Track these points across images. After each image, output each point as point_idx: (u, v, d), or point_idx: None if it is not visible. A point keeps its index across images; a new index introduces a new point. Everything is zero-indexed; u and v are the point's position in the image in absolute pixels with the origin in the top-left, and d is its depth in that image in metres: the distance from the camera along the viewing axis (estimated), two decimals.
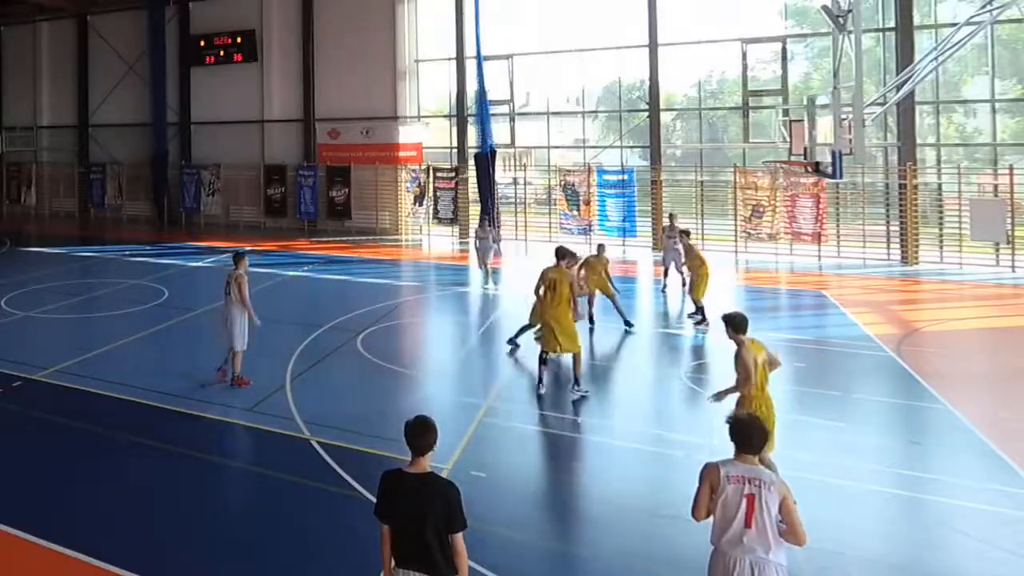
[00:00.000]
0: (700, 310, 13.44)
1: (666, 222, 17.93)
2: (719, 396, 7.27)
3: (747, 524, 4.42)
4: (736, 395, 7.03)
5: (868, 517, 6.98)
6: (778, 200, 20.97)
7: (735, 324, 7.10)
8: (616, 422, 9.25)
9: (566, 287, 10.03)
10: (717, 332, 12.22)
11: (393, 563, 4.55)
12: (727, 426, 4.77)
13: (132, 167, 31.90)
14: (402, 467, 4.60)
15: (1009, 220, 18.17)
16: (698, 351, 12.46)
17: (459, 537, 4.43)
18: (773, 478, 4.55)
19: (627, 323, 13.37)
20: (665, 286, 16.59)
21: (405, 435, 4.58)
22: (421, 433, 4.55)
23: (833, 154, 12.79)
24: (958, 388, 9.93)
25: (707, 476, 4.62)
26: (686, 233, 15.27)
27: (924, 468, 7.93)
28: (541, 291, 10.24)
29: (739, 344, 7.03)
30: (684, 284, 15.49)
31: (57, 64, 33.98)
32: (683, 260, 15.16)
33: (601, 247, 14.40)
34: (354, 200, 27.39)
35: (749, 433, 4.63)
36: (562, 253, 10.55)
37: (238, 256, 10.87)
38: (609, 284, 13.63)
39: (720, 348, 11.88)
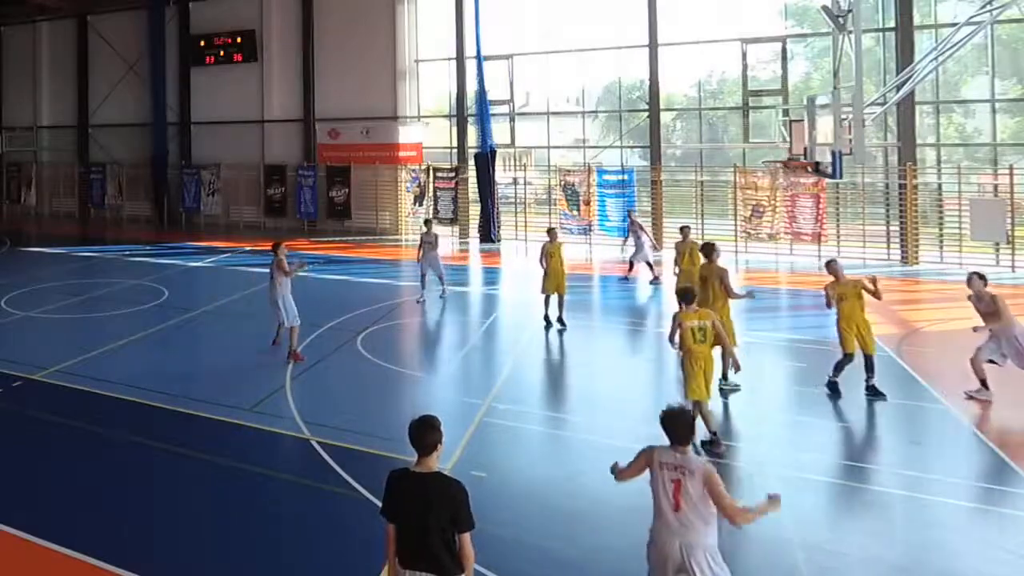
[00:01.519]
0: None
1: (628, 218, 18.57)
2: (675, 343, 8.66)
3: (675, 509, 4.78)
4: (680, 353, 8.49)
5: (868, 517, 6.98)
6: (778, 200, 20.97)
7: (678, 296, 8.71)
8: (615, 422, 9.24)
9: (715, 283, 10.25)
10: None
11: (398, 564, 4.52)
12: (660, 419, 5.09)
13: (132, 167, 31.89)
14: (409, 467, 4.59)
15: (1009, 220, 18.17)
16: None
17: (467, 537, 4.40)
18: (698, 464, 4.83)
19: (560, 320, 13.23)
20: (656, 278, 17.36)
21: (409, 435, 4.57)
22: (424, 433, 4.53)
23: (833, 154, 12.80)
24: (958, 388, 9.92)
25: (644, 455, 5.08)
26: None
27: (924, 468, 7.93)
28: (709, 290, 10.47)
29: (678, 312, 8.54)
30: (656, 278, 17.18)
31: (57, 64, 33.98)
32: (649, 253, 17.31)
33: (552, 231, 13.99)
34: (354, 200, 27.39)
35: (675, 426, 4.99)
36: (707, 250, 10.73)
37: (276, 245, 12.22)
38: (563, 276, 13.34)
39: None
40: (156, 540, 6.65)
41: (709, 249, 10.72)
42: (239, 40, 29.22)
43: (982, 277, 9.92)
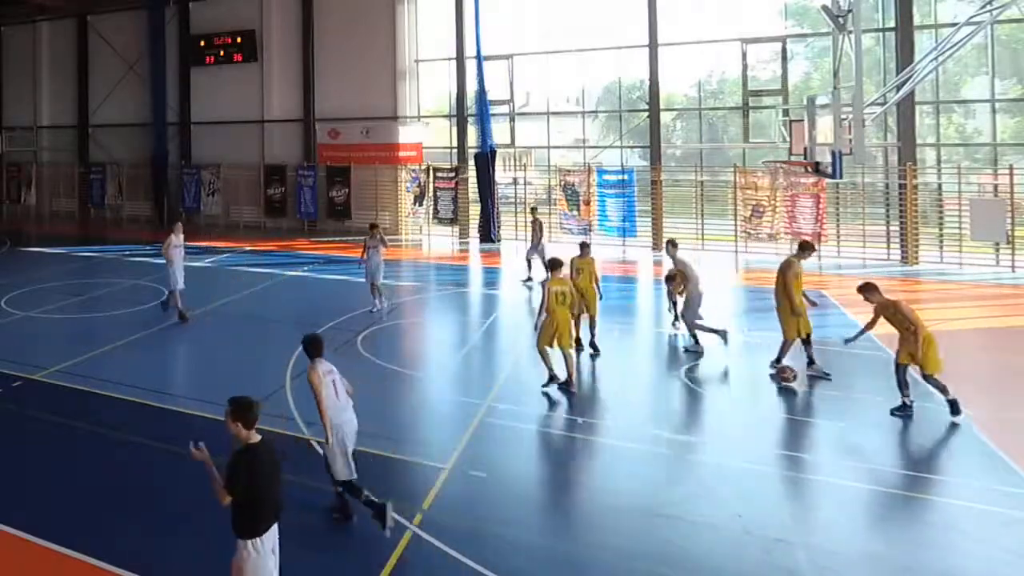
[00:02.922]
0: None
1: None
2: (537, 323, 10.41)
3: (338, 396, 6.98)
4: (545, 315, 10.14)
5: (869, 517, 6.98)
6: (778, 200, 20.96)
7: (548, 265, 10.62)
8: (615, 422, 9.25)
9: (779, 279, 10.84)
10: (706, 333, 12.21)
11: (261, 529, 5.13)
12: (303, 344, 7.15)
13: (132, 167, 31.88)
14: (249, 444, 5.29)
15: (1009, 220, 18.15)
16: (694, 350, 12.43)
17: None
18: (331, 365, 7.09)
19: (593, 347, 11.92)
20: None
21: (243, 414, 5.39)
22: (254, 409, 5.45)
23: (833, 154, 12.78)
24: (958, 388, 9.91)
25: (314, 376, 6.91)
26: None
27: (924, 468, 7.94)
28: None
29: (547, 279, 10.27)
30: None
31: (57, 64, 33.97)
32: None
33: (585, 246, 12.73)
34: (354, 200, 27.38)
35: (313, 345, 7.09)
36: (804, 246, 11.34)
37: (173, 224, 15.37)
38: (596, 293, 12.09)
39: (715, 347, 11.89)
40: (156, 540, 6.65)
41: (804, 247, 11.28)
42: (239, 40, 29.20)
43: (674, 243, 12.67)
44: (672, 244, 12.67)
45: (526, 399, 10.06)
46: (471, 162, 25.19)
